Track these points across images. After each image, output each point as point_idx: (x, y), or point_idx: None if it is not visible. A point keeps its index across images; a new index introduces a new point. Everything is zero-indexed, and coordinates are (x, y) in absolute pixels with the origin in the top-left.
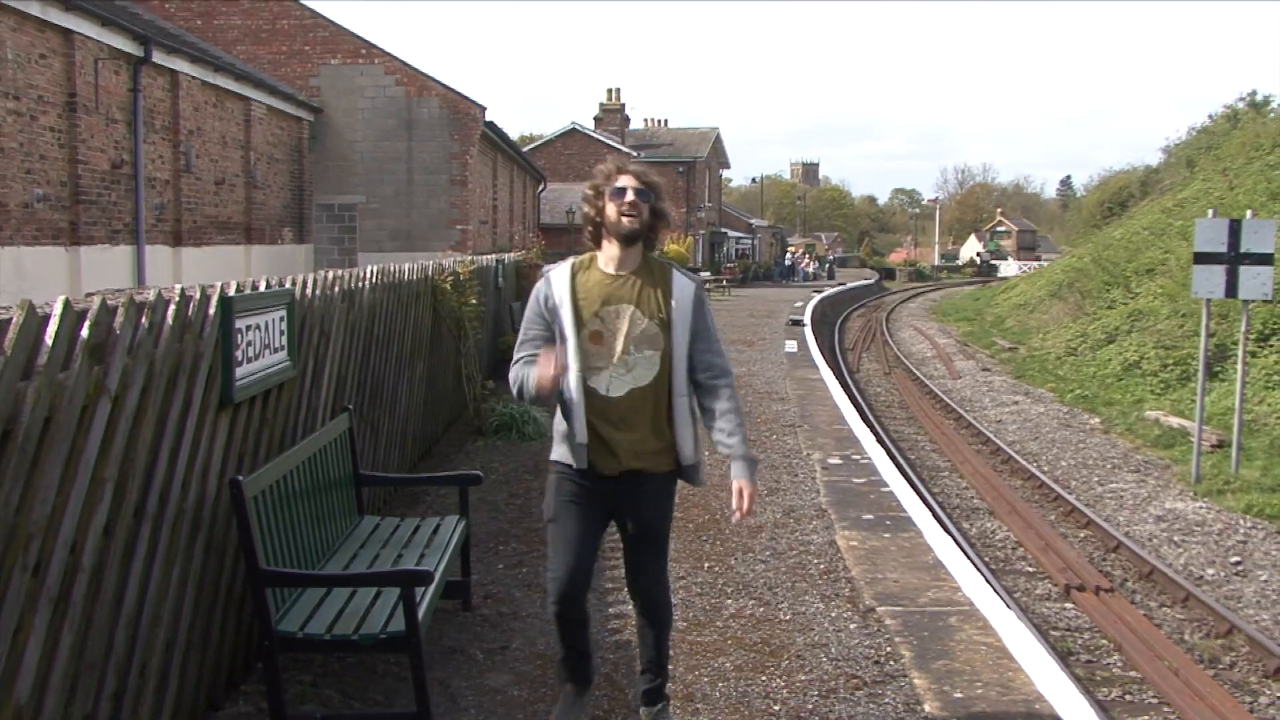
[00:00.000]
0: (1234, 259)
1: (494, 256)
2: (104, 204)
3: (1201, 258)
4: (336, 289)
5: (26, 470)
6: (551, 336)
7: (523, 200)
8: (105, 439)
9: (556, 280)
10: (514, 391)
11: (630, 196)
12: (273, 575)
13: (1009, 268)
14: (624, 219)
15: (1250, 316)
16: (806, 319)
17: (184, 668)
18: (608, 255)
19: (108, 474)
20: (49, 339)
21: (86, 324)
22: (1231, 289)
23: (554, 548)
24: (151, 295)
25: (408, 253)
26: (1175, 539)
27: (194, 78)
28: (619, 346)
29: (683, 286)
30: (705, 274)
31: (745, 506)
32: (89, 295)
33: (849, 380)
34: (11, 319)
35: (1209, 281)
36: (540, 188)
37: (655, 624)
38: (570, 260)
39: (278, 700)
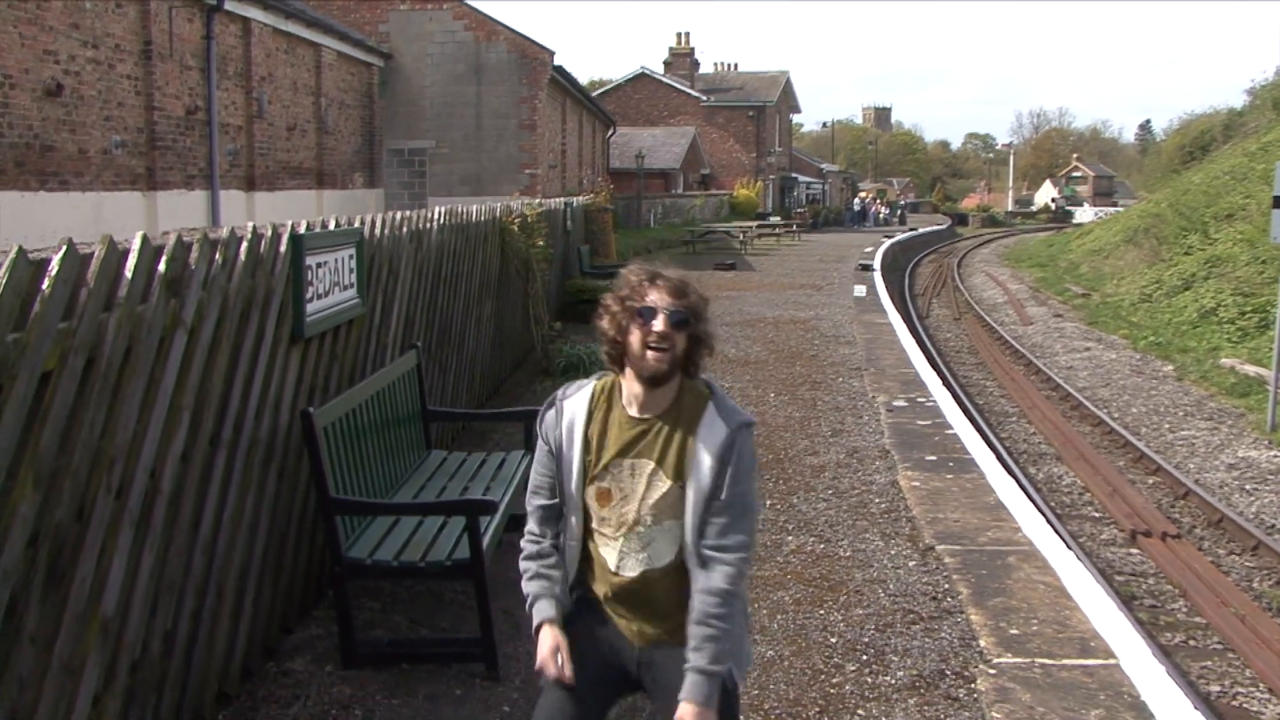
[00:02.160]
0: None
1: (562, 200)
2: (179, 149)
3: None
4: (405, 229)
5: (109, 397)
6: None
7: (592, 145)
8: (182, 369)
9: (571, 412)
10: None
11: (660, 325)
12: (343, 504)
13: (1084, 213)
14: (649, 354)
15: None
16: (876, 264)
17: (258, 591)
18: (630, 392)
19: (185, 403)
20: (128, 272)
21: (164, 259)
22: None
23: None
24: (225, 233)
25: (477, 197)
26: (1247, 487)
27: (265, 24)
28: (631, 515)
29: (712, 430)
30: (775, 219)
31: None
32: (165, 234)
33: (917, 325)
34: (93, 253)
35: None
36: (609, 132)
37: None
38: (590, 386)
39: (347, 624)
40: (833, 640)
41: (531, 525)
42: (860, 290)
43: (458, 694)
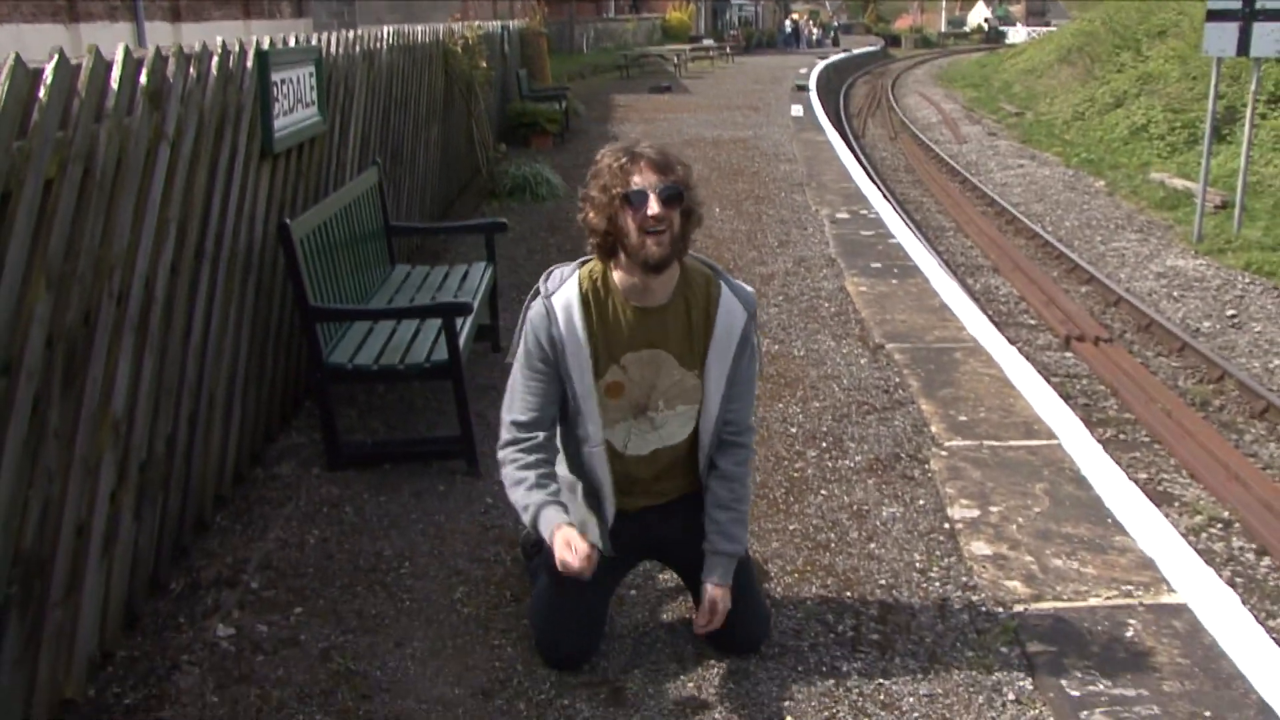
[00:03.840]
0: (1249, 15)
1: (499, 23)
2: None
3: (1214, 15)
4: (357, 49)
5: (105, 207)
6: (557, 387)
7: None
8: (167, 182)
9: (563, 313)
10: (510, 497)
11: (654, 208)
12: (322, 311)
13: (1017, 34)
14: (649, 242)
15: (1261, 77)
16: (811, 85)
17: (244, 399)
18: (630, 283)
19: (171, 215)
20: (114, 84)
21: (144, 71)
22: (1244, 47)
23: (550, 604)
24: (198, 47)
25: (408, 24)
26: (1174, 294)
27: None
28: (643, 401)
29: (730, 314)
30: (709, 42)
31: (714, 622)
32: (141, 49)
33: (854, 145)
34: (81, 64)
35: (1221, 39)
36: None
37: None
38: (575, 277)
39: (331, 427)
40: (793, 430)
41: (519, 432)
42: (797, 110)
43: (441, 489)
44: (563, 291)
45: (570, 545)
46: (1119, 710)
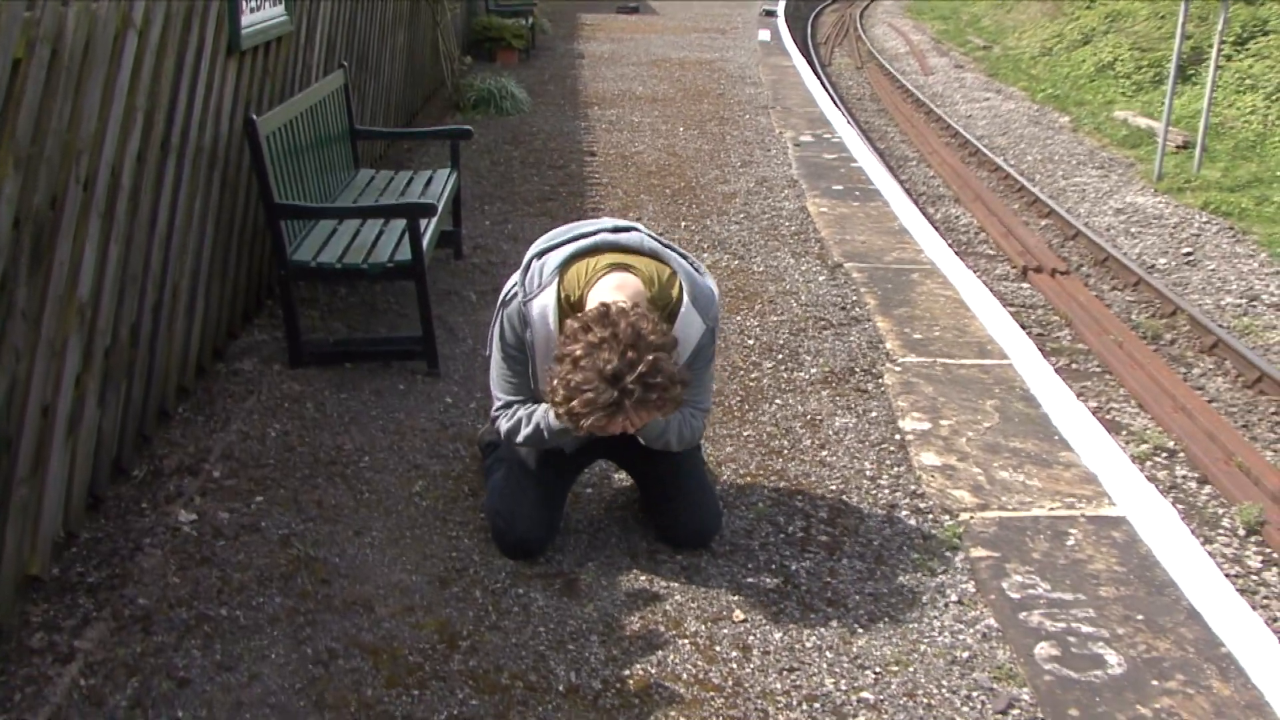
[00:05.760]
0: None
1: None
2: None
3: None
4: None
5: (73, 91)
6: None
7: None
8: (134, 71)
9: (539, 318)
10: (520, 438)
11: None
12: (287, 208)
13: None
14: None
15: (1229, 18)
16: (780, 9)
17: (208, 294)
18: None
19: (138, 104)
20: None
21: None
22: None
23: (510, 487)
24: None
25: None
26: (1132, 230)
27: None
28: None
29: (687, 329)
30: None
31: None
32: None
33: (821, 72)
34: None
35: None
36: None
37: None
38: (555, 284)
39: (293, 324)
40: (750, 342)
41: (508, 405)
42: (764, 35)
43: (401, 388)
44: (541, 298)
45: None
46: (1056, 612)
